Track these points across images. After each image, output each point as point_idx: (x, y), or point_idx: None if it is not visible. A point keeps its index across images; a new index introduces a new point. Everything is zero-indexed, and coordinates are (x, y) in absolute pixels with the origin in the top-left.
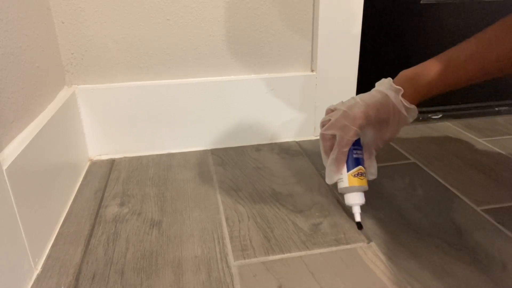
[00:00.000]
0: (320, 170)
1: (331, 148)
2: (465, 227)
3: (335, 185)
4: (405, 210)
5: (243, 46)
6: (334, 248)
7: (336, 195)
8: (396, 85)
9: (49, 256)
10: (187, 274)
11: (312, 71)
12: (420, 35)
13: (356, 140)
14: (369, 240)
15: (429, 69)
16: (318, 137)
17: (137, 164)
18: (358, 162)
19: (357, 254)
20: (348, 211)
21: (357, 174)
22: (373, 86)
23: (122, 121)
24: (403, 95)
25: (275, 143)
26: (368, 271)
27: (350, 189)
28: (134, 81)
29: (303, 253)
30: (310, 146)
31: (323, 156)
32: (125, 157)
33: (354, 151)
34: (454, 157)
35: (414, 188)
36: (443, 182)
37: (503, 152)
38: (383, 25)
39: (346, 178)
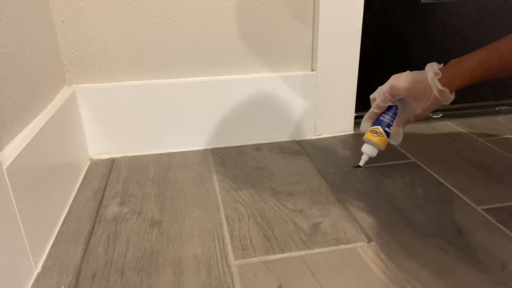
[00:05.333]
0: (320, 170)
1: None
2: (465, 227)
3: (334, 185)
4: (405, 210)
5: (243, 46)
6: (334, 248)
7: (336, 195)
8: (442, 69)
9: (49, 256)
10: (187, 273)
11: (312, 70)
12: (420, 34)
13: (392, 107)
14: (369, 239)
15: (472, 58)
16: (318, 137)
17: (137, 163)
18: (379, 123)
19: (357, 254)
20: (348, 210)
21: (373, 131)
22: (373, 86)
23: (122, 121)
24: (441, 79)
25: (275, 143)
26: (368, 271)
27: (365, 140)
28: (135, 81)
29: (303, 252)
30: (310, 145)
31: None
32: (125, 157)
33: (383, 115)
34: (454, 156)
35: (414, 187)
36: (443, 182)
37: (504, 152)
38: (383, 25)
39: (367, 131)
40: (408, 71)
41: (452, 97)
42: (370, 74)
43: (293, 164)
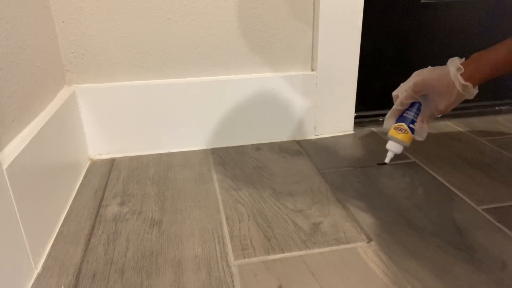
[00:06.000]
0: (320, 170)
1: None
2: (465, 227)
3: (334, 185)
4: (405, 210)
5: (243, 46)
6: (334, 248)
7: (336, 195)
8: (465, 64)
9: (49, 256)
10: (187, 273)
11: (312, 70)
12: (420, 34)
13: (415, 104)
14: (369, 239)
15: (495, 51)
16: (318, 137)
17: (137, 163)
18: (403, 119)
19: (357, 253)
20: (348, 210)
21: (397, 128)
22: (373, 86)
23: (122, 121)
24: (463, 74)
25: (275, 143)
26: (368, 270)
27: (389, 138)
28: (135, 81)
29: (303, 252)
30: (310, 145)
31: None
32: (125, 157)
33: (407, 111)
34: (454, 156)
35: (414, 187)
36: (443, 182)
37: (504, 152)
38: (383, 25)
39: (391, 128)
40: (430, 67)
41: (475, 91)
42: (370, 74)
43: (293, 164)
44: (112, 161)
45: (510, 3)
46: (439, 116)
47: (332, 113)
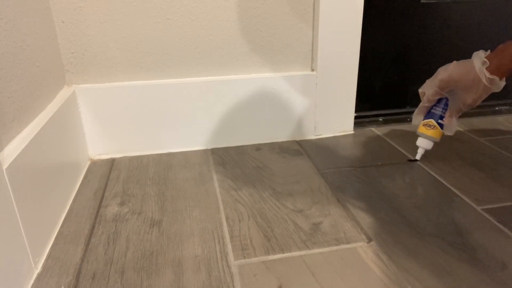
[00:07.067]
0: (320, 170)
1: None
2: (465, 227)
3: (334, 185)
4: (405, 210)
5: (243, 46)
6: (334, 248)
7: (336, 195)
8: (490, 57)
9: (49, 256)
10: (187, 273)
11: (312, 70)
12: (420, 34)
13: (442, 99)
14: (369, 239)
15: None
16: (318, 137)
17: (137, 163)
18: (432, 116)
19: (357, 254)
20: (348, 210)
21: (426, 124)
22: (373, 86)
23: (122, 121)
24: (489, 67)
25: (276, 143)
26: (368, 271)
27: (419, 134)
28: (135, 81)
29: (303, 252)
30: (310, 145)
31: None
32: (125, 157)
33: (434, 107)
34: (454, 156)
35: (414, 187)
36: (443, 182)
37: (504, 152)
38: (383, 25)
39: (420, 125)
40: (455, 62)
41: (503, 83)
42: (370, 74)
43: (293, 164)
44: (112, 161)
45: (510, 3)
46: (468, 110)
47: (332, 113)
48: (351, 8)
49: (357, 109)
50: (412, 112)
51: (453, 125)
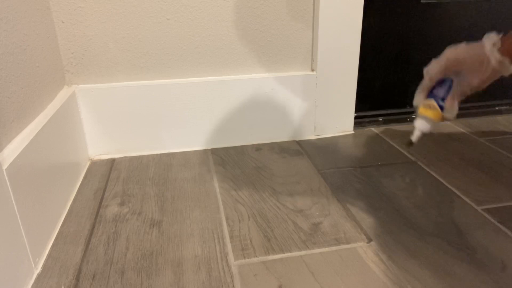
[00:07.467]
0: (320, 170)
1: None
2: (465, 227)
3: (334, 185)
4: (405, 210)
5: (243, 46)
6: (334, 248)
7: (336, 195)
8: (503, 39)
9: (49, 256)
10: (187, 273)
11: (312, 70)
12: (421, 34)
13: (446, 81)
14: (369, 239)
15: None
16: (318, 137)
17: (137, 163)
18: (433, 96)
19: (357, 254)
20: (348, 210)
21: (426, 105)
22: (373, 86)
23: (122, 121)
24: (500, 49)
25: (275, 143)
26: (368, 271)
27: (418, 115)
28: (134, 81)
29: (303, 252)
30: (310, 145)
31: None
32: (125, 157)
33: (437, 88)
34: (454, 156)
35: (414, 187)
36: (443, 182)
37: (504, 152)
38: (383, 25)
39: (420, 106)
40: (464, 42)
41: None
42: (370, 74)
43: (293, 164)
44: (112, 161)
45: (510, 3)
46: (472, 93)
47: (332, 113)
48: (351, 8)
49: (357, 109)
50: (412, 112)
51: (454, 108)
